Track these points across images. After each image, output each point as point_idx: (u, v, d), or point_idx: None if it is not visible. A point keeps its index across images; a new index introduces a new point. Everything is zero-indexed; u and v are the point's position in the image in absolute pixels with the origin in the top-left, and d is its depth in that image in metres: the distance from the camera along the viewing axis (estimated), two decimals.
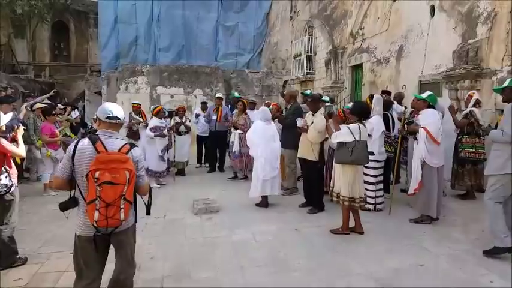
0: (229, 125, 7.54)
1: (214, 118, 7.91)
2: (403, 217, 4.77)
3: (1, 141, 3.35)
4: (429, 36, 6.95)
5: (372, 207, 5.06)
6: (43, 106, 6.73)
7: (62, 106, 8.63)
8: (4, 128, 3.54)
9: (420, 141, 4.43)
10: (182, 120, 7.77)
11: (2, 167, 3.34)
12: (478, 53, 5.86)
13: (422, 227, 4.46)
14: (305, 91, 8.74)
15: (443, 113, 5.21)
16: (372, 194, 5.05)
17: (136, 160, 2.44)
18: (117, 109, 2.53)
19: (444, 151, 4.76)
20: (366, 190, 4.78)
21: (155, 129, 6.70)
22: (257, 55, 16.09)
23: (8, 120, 3.54)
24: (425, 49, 7.04)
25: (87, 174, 2.24)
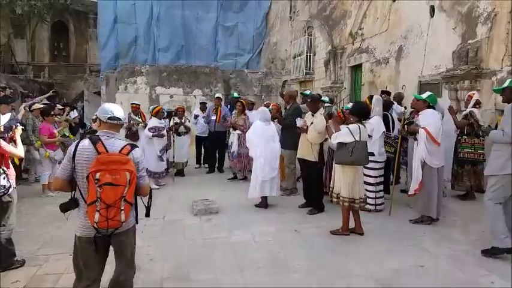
0: (228, 126, 7.52)
1: (213, 118, 7.89)
2: (403, 218, 4.76)
3: None
4: (429, 36, 6.94)
5: (372, 207, 5.05)
6: (42, 106, 6.71)
7: (61, 106, 8.60)
8: (2, 129, 3.53)
9: (420, 141, 4.42)
10: (181, 120, 7.75)
11: (0, 168, 3.32)
12: (478, 53, 5.85)
13: (422, 228, 4.45)
14: (304, 91, 8.70)
15: (443, 114, 5.20)
16: (372, 195, 5.04)
17: (137, 161, 2.43)
18: (118, 110, 2.52)
19: (444, 151, 4.75)
20: (366, 191, 4.77)
21: (154, 129, 6.69)
22: (256, 55, 16.07)
23: (7, 120, 3.52)
24: (425, 49, 7.03)
25: (88, 175, 2.23)
